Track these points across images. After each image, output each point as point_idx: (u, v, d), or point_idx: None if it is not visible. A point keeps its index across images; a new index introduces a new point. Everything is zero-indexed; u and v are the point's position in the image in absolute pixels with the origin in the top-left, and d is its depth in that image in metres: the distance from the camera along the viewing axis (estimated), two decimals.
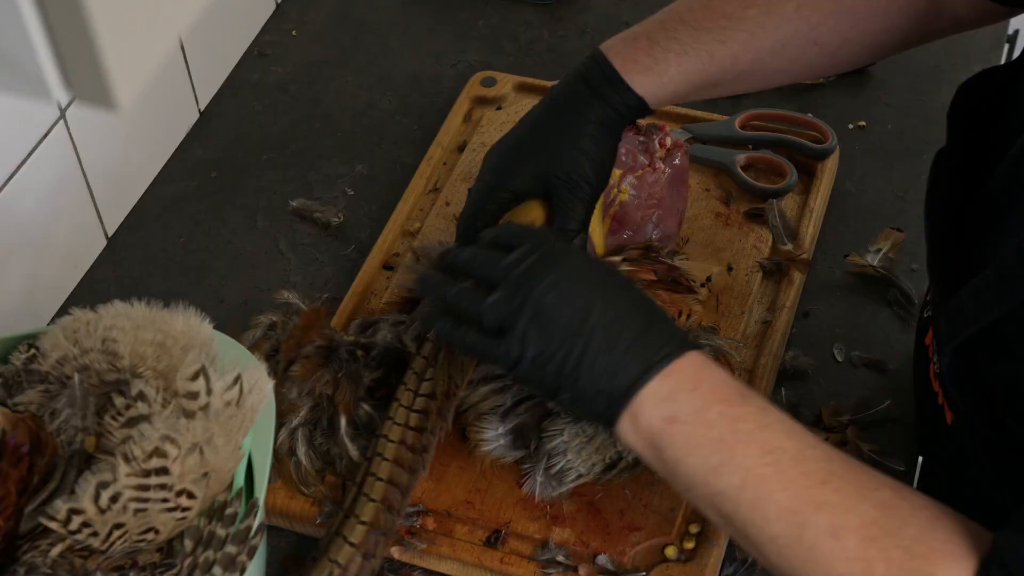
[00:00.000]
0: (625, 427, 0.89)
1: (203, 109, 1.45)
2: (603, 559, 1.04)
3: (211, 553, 0.86)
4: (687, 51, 1.05)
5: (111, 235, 1.33)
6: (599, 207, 1.12)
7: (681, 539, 1.05)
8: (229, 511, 0.88)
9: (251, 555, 0.87)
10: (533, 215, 1.10)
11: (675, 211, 1.19)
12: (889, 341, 1.21)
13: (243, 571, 0.87)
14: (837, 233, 1.30)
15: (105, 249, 1.32)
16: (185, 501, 0.86)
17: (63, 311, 1.24)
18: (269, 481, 0.95)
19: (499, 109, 1.41)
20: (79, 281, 1.29)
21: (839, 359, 1.20)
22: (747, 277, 1.23)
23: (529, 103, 1.26)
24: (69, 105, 1.21)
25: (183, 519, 0.87)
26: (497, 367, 0.97)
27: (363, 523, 0.98)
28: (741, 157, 1.33)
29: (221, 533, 0.87)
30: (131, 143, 1.33)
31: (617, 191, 1.14)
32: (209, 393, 0.89)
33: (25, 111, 1.17)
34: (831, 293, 1.25)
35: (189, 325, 0.96)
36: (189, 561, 0.86)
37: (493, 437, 1.06)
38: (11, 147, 1.17)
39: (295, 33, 1.55)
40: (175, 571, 0.86)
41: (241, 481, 0.93)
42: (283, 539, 1.09)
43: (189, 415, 0.88)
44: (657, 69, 1.06)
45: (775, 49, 1.06)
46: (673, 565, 1.03)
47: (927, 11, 1.06)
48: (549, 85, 1.32)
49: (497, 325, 0.91)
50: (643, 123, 1.19)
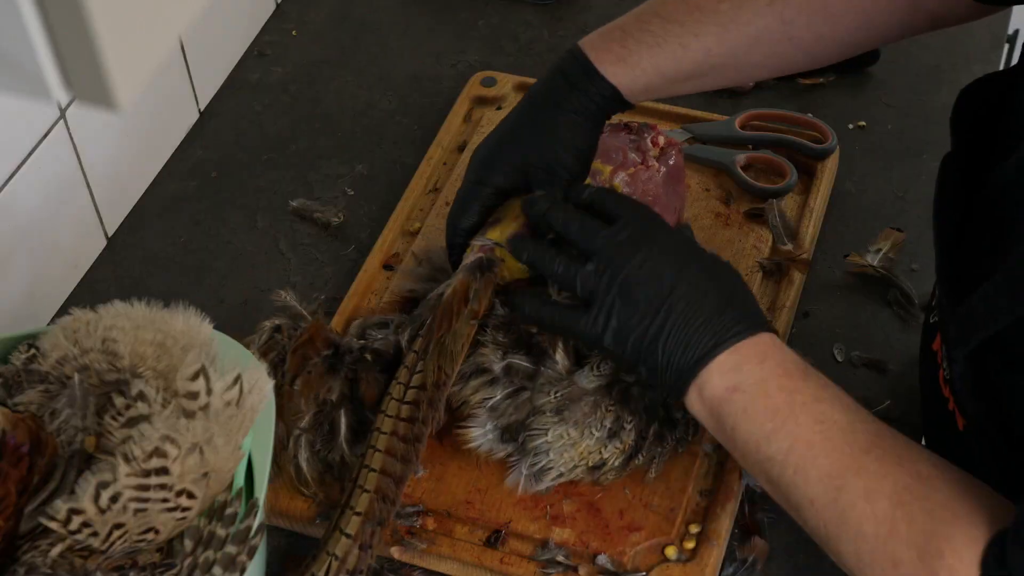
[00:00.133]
0: (692, 398, 0.95)
1: (203, 109, 1.45)
2: (603, 559, 1.04)
3: (211, 553, 0.86)
4: (660, 43, 1.07)
5: (111, 235, 1.33)
6: None
7: (681, 539, 1.05)
8: (229, 511, 0.88)
9: (251, 555, 0.87)
10: (519, 211, 1.10)
11: (672, 209, 1.18)
12: (889, 341, 1.21)
13: (243, 571, 0.87)
14: (837, 233, 1.30)
15: (105, 249, 1.32)
16: (185, 501, 0.86)
17: (63, 311, 1.24)
18: (268, 480, 0.95)
19: (499, 109, 1.41)
20: (79, 281, 1.29)
21: (839, 359, 1.20)
22: (747, 277, 1.23)
23: None
24: (69, 105, 1.21)
25: (183, 519, 0.87)
26: (577, 337, 1.01)
27: (357, 514, 0.99)
28: (741, 157, 1.33)
29: (221, 533, 0.87)
30: (131, 143, 1.33)
31: (609, 186, 1.14)
32: (209, 393, 0.89)
33: (25, 111, 1.17)
34: (831, 293, 1.25)
35: (189, 325, 0.96)
36: (189, 561, 0.86)
37: (481, 434, 1.06)
38: (11, 147, 1.17)
39: (295, 33, 1.55)
40: (175, 571, 0.86)
41: (241, 481, 0.93)
42: (283, 539, 1.09)
43: (189, 415, 0.88)
44: (630, 60, 1.08)
45: (748, 43, 1.08)
46: (673, 565, 1.03)
47: (905, 8, 1.07)
48: None
49: (587, 296, 0.97)
50: (635, 123, 1.19)
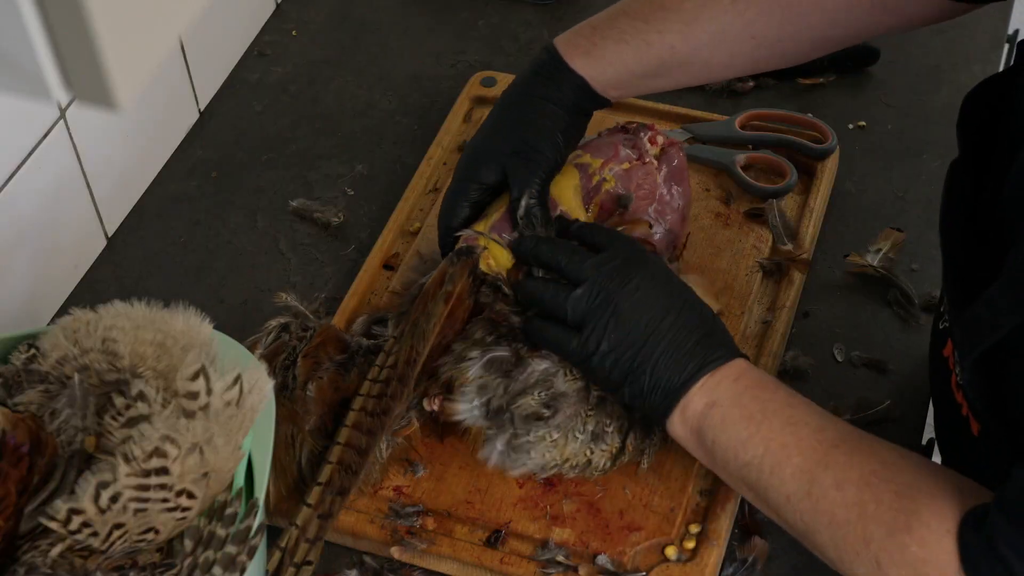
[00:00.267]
0: (675, 419, 0.99)
1: (203, 109, 1.45)
2: (603, 559, 1.04)
3: (211, 553, 0.86)
4: (625, 39, 1.12)
5: (111, 235, 1.33)
6: (576, 191, 1.14)
7: (681, 539, 1.05)
8: (229, 511, 0.88)
9: (251, 555, 0.87)
10: (503, 202, 1.13)
11: (675, 208, 1.18)
12: (889, 341, 1.20)
13: (243, 571, 0.87)
14: (837, 233, 1.30)
15: (105, 249, 1.32)
16: (185, 501, 0.86)
17: (63, 311, 1.24)
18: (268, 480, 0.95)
19: None
20: (79, 281, 1.29)
21: (839, 359, 1.20)
22: (747, 277, 1.23)
23: None
24: (69, 105, 1.21)
25: (183, 519, 0.87)
26: (566, 357, 1.04)
27: (318, 484, 1.02)
28: (741, 157, 1.33)
29: (221, 533, 0.87)
30: (131, 143, 1.33)
31: (600, 178, 1.15)
32: (209, 393, 0.89)
33: (25, 111, 1.17)
34: (831, 293, 1.25)
35: (189, 325, 0.96)
36: (189, 561, 0.86)
37: (467, 408, 1.07)
38: (11, 147, 1.17)
39: (295, 33, 1.55)
40: (175, 571, 0.86)
41: (241, 481, 0.93)
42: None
43: (189, 415, 0.88)
44: (595, 54, 1.13)
45: (712, 41, 1.11)
46: (673, 565, 1.03)
47: (870, 7, 1.09)
48: None
49: (578, 319, 1.01)
50: (632, 124, 1.21)
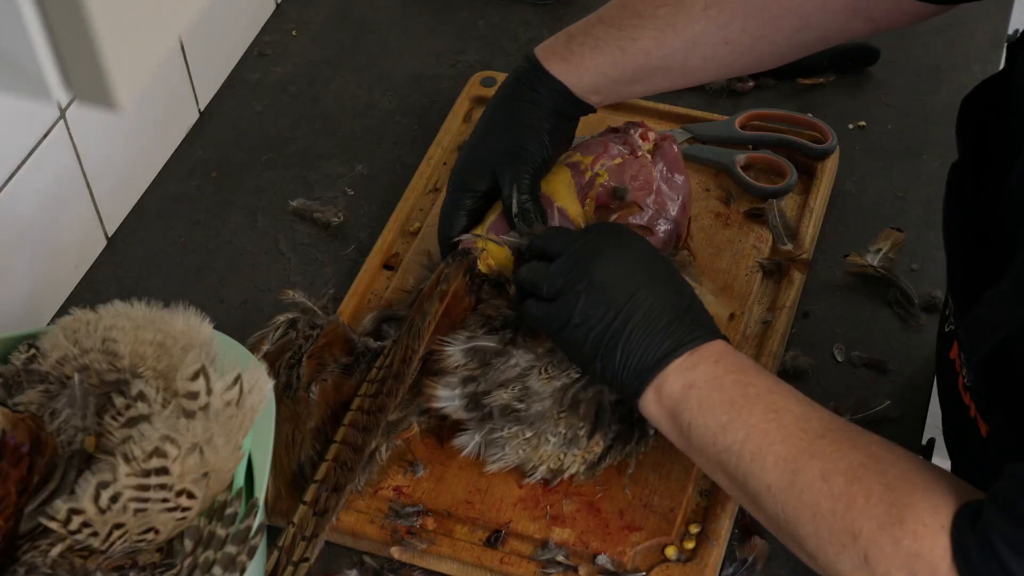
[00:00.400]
0: (648, 399, 0.97)
1: (203, 109, 1.45)
2: (603, 559, 1.04)
3: (211, 553, 0.86)
4: (600, 46, 1.13)
5: (111, 235, 1.33)
6: (570, 187, 1.15)
7: (681, 539, 1.05)
8: (229, 511, 0.88)
9: (251, 555, 0.87)
10: (499, 205, 1.14)
11: (675, 198, 1.18)
12: (889, 341, 1.20)
13: (243, 571, 0.87)
14: (837, 233, 1.30)
15: (105, 249, 1.32)
16: (185, 501, 0.86)
17: (63, 311, 1.24)
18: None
19: None
20: (79, 281, 1.29)
21: (839, 359, 1.20)
22: (747, 277, 1.23)
23: None
24: (69, 105, 1.21)
25: (183, 519, 0.87)
26: (542, 329, 1.03)
27: (314, 482, 1.03)
28: (741, 157, 1.33)
29: (221, 533, 0.87)
30: (131, 143, 1.33)
31: (593, 173, 1.15)
32: (209, 393, 0.89)
33: (25, 111, 1.17)
34: (831, 293, 1.25)
35: (189, 325, 0.96)
36: (189, 561, 0.86)
37: (448, 396, 1.07)
38: (11, 147, 1.17)
39: (295, 33, 1.55)
40: (175, 571, 0.86)
41: (241, 481, 0.93)
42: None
43: (189, 415, 0.88)
44: (573, 60, 1.15)
45: (686, 46, 1.12)
46: (673, 565, 1.03)
47: (843, 11, 1.09)
48: None
49: (555, 292, 1.00)
50: (621, 124, 1.22)
